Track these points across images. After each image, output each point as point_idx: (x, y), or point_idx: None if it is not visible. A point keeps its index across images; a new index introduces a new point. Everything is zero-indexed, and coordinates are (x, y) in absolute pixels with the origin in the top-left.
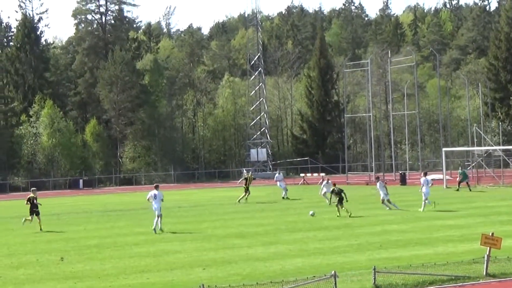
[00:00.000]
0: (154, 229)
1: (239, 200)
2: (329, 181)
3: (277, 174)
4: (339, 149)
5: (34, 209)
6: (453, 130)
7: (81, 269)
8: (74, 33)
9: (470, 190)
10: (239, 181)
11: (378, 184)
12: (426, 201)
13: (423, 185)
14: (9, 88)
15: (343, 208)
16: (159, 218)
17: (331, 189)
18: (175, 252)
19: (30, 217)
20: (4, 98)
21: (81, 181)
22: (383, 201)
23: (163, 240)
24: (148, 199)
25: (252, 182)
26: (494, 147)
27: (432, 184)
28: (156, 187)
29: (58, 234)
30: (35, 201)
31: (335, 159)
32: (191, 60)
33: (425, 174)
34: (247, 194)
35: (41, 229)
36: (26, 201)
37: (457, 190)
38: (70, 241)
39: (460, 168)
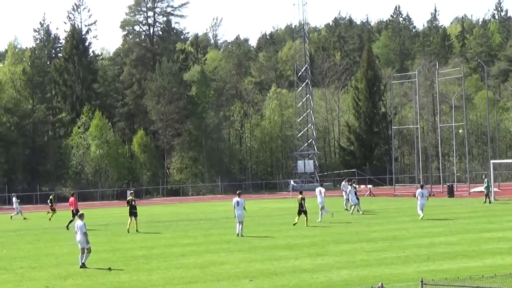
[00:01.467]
0: (238, 234)
1: (361, 212)
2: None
3: (343, 183)
4: (387, 161)
5: (133, 210)
6: (501, 142)
7: (128, 280)
8: (122, 44)
9: (490, 202)
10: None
11: (318, 190)
12: (420, 210)
13: (417, 197)
14: (58, 99)
15: (299, 217)
16: (241, 224)
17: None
18: (221, 263)
19: (129, 218)
20: (52, 109)
21: (128, 192)
22: (322, 208)
23: (210, 251)
24: (234, 206)
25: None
26: None
27: (428, 197)
28: (239, 195)
29: (106, 245)
30: (133, 202)
31: (382, 171)
32: (238, 71)
33: (421, 187)
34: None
35: (137, 230)
36: (126, 203)
37: (486, 202)
38: (118, 252)
39: (485, 177)
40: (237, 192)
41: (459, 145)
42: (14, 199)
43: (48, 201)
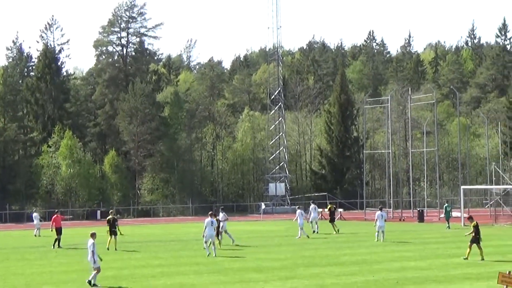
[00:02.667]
0: (213, 254)
1: (337, 231)
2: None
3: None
4: (358, 185)
5: (112, 229)
6: (472, 169)
7: None
8: (95, 64)
9: (449, 228)
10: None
11: (221, 215)
12: (381, 233)
13: (377, 219)
14: (29, 118)
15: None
16: (213, 245)
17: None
18: (191, 285)
19: (109, 237)
20: (23, 128)
21: (98, 212)
22: (225, 231)
23: (179, 273)
24: (205, 227)
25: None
26: None
27: (386, 220)
28: (211, 215)
29: (75, 265)
30: (115, 222)
31: (353, 195)
32: (211, 93)
33: (381, 209)
34: (333, 225)
35: (115, 249)
36: (106, 222)
37: (448, 228)
38: (87, 272)
39: (446, 202)
40: (209, 212)
41: (430, 171)
42: (35, 214)
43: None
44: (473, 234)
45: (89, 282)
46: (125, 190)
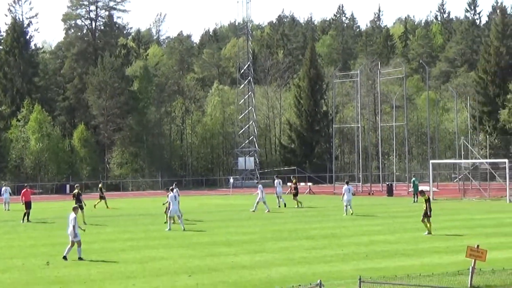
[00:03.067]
0: (169, 229)
1: (298, 206)
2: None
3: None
4: (327, 159)
5: (78, 204)
6: (441, 143)
7: (66, 274)
8: (64, 38)
9: (416, 202)
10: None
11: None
12: (349, 207)
13: (344, 193)
14: None
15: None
16: (180, 219)
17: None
18: (161, 258)
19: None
20: None
21: (67, 186)
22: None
23: (149, 247)
24: (168, 202)
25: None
26: (481, 160)
27: (354, 193)
28: (172, 190)
29: (44, 239)
30: (80, 197)
31: (322, 169)
32: (181, 67)
33: (347, 183)
34: (296, 199)
35: (84, 223)
36: (72, 197)
37: (414, 202)
38: (56, 246)
39: (413, 176)
40: (170, 188)
41: (399, 145)
42: (4, 188)
43: (98, 189)
44: (425, 209)
45: (80, 258)
46: (94, 164)
